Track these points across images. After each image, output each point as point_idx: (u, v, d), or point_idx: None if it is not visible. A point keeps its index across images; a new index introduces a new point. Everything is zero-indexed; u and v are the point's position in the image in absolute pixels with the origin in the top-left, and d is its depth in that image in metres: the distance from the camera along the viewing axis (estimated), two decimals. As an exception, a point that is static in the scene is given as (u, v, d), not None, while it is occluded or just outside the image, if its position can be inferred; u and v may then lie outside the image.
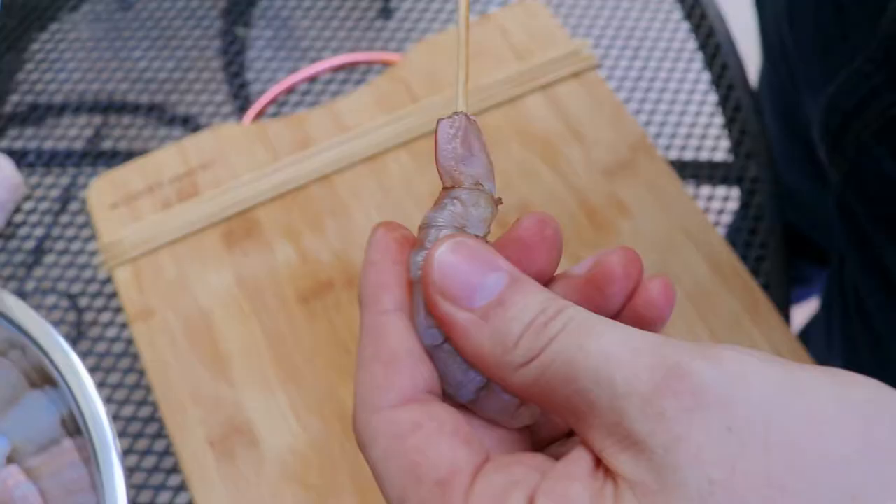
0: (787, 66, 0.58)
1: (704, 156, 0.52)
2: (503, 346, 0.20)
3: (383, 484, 0.20)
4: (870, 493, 0.17)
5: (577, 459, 0.19)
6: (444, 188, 0.23)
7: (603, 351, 0.19)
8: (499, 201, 0.23)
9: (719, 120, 0.53)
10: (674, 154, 0.52)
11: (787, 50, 0.57)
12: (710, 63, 0.55)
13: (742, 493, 0.17)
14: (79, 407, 0.40)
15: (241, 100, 0.54)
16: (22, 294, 0.48)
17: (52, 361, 0.41)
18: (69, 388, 0.41)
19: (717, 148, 0.52)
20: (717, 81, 0.55)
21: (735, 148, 0.52)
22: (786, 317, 0.47)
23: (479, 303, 0.20)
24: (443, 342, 0.21)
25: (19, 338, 0.42)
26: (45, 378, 0.43)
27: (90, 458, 0.41)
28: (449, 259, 0.21)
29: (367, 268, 0.22)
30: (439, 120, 0.23)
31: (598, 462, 0.19)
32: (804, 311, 0.78)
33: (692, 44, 0.56)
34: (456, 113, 0.23)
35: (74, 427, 0.42)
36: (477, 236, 0.22)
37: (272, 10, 0.57)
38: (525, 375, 0.20)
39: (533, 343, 0.20)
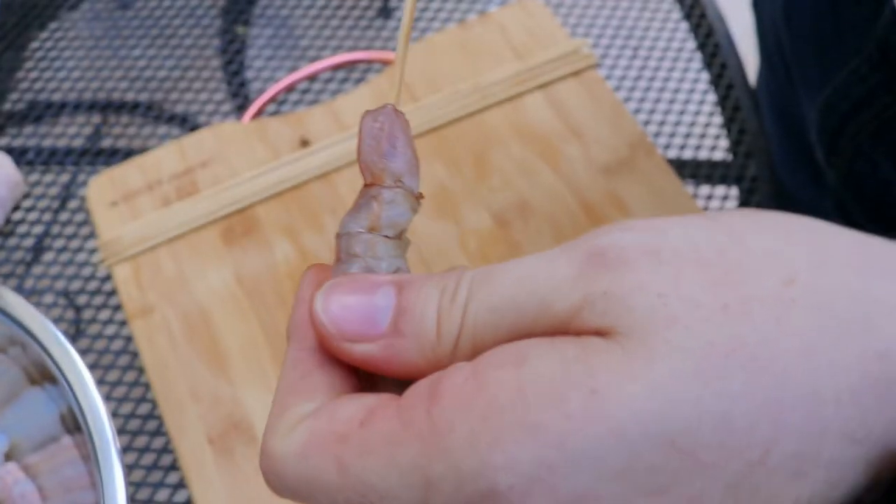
0: (785, 67, 0.58)
1: (703, 155, 0.52)
2: (430, 343, 0.19)
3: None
4: (803, 273, 0.18)
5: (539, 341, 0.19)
6: (365, 185, 0.22)
7: (513, 280, 0.19)
8: (419, 197, 0.22)
9: (718, 119, 0.53)
10: (673, 153, 0.52)
11: (784, 50, 0.58)
12: (709, 62, 0.55)
13: (693, 295, 0.18)
14: (78, 404, 0.40)
15: (240, 98, 0.54)
16: (21, 292, 0.48)
17: (51, 358, 0.41)
18: (69, 384, 0.40)
19: (717, 147, 0.52)
20: (716, 81, 0.55)
21: (734, 147, 0.52)
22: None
23: (384, 324, 0.19)
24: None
25: (19, 334, 0.42)
26: (44, 375, 0.43)
27: (89, 455, 0.41)
28: (333, 305, 0.20)
29: (297, 305, 0.22)
30: (365, 112, 0.22)
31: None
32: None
33: (691, 43, 0.56)
34: (384, 106, 0.22)
35: (74, 424, 0.42)
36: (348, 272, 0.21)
37: (272, 9, 0.57)
38: (462, 352, 0.19)
39: (451, 324, 0.19)
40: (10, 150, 0.52)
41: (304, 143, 0.50)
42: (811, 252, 0.18)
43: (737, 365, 0.17)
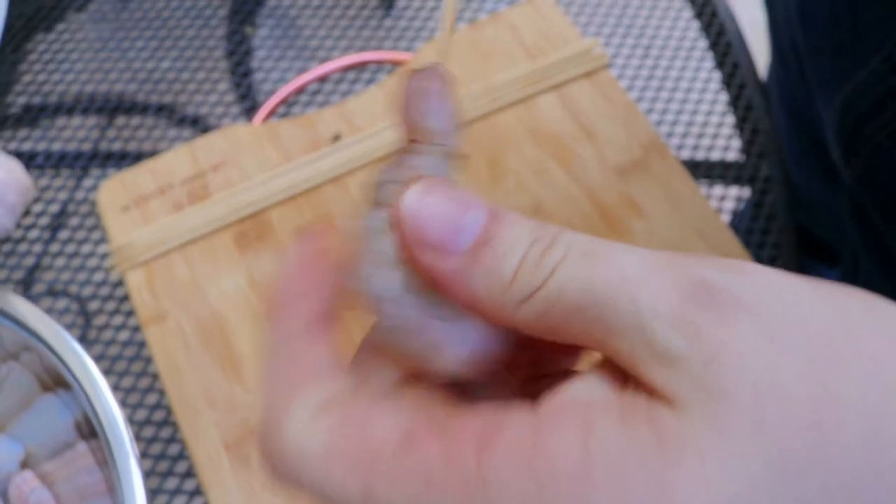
0: (798, 64, 0.58)
1: (716, 155, 0.52)
2: (500, 285, 0.18)
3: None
4: None
5: (593, 380, 0.18)
6: (408, 142, 0.21)
7: (618, 274, 0.17)
8: (461, 156, 0.21)
9: (731, 119, 0.53)
10: (685, 154, 0.52)
11: (797, 47, 0.57)
12: (721, 61, 0.55)
13: (789, 391, 0.16)
14: (93, 409, 0.40)
15: (249, 100, 0.54)
16: (32, 297, 0.48)
17: (64, 363, 0.41)
18: (83, 389, 0.40)
19: (729, 147, 0.52)
20: (728, 80, 0.54)
21: (747, 147, 0.52)
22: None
23: (464, 245, 0.18)
24: (402, 293, 0.19)
25: (31, 341, 0.42)
26: (57, 381, 0.43)
27: (105, 460, 0.41)
28: (422, 204, 0.18)
29: (287, 277, 0.20)
30: (414, 70, 0.21)
31: (623, 379, 0.18)
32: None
33: (703, 42, 0.56)
34: (432, 66, 0.21)
35: (89, 430, 0.42)
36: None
37: (280, 9, 0.57)
38: (528, 311, 0.18)
39: (532, 277, 0.18)
40: (19, 154, 0.52)
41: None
42: None
43: (816, 484, 0.16)
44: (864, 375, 0.17)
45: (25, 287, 0.48)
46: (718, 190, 0.51)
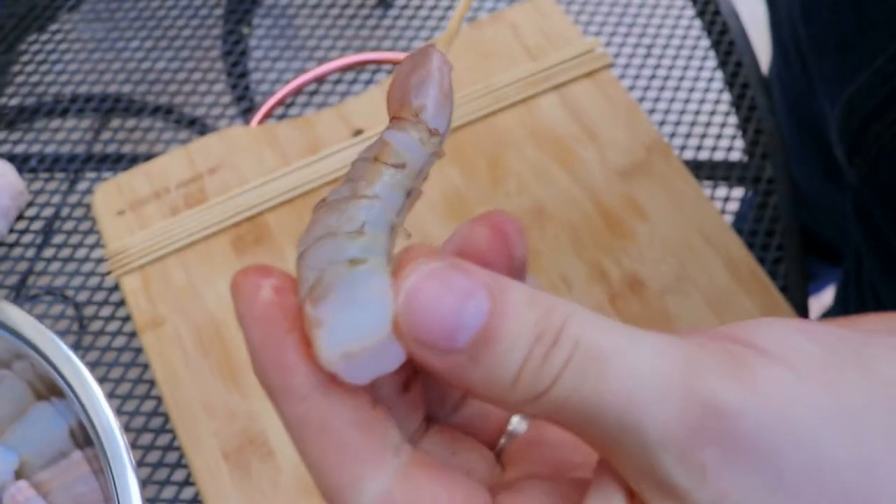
0: (801, 62, 0.57)
1: (719, 156, 0.51)
2: (500, 386, 0.17)
3: None
4: None
5: (609, 496, 0.18)
6: (390, 119, 0.20)
7: (625, 393, 0.16)
8: (436, 135, 0.20)
9: (734, 119, 0.52)
10: (689, 154, 0.51)
11: (800, 45, 0.57)
12: (723, 61, 0.54)
13: None
14: (88, 416, 0.39)
15: (246, 101, 0.53)
16: (25, 303, 0.47)
17: (58, 371, 0.40)
18: (77, 397, 0.40)
19: (733, 148, 0.52)
20: (731, 80, 0.54)
21: (750, 148, 0.51)
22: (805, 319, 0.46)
23: (462, 342, 0.17)
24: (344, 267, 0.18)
25: (23, 348, 0.41)
26: (51, 389, 0.42)
27: (102, 468, 0.40)
28: (419, 299, 0.17)
29: (257, 352, 0.18)
30: (416, 51, 0.20)
31: (631, 493, 0.18)
32: (812, 308, 0.78)
33: (705, 41, 0.55)
34: (429, 46, 0.20)
35: (84, 438, 0.41)
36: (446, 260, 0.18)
37: (277, 9, 0.56)
38: (531, 410, 0.17)
39: (535, 381, 0.17)
40: (12, 157, 0.51)
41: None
42: None
43: None
44: None
45: (19, 293, 0.47)
46: (722, 191, 0.50)
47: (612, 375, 0.16)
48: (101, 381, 0.45)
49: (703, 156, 0.51)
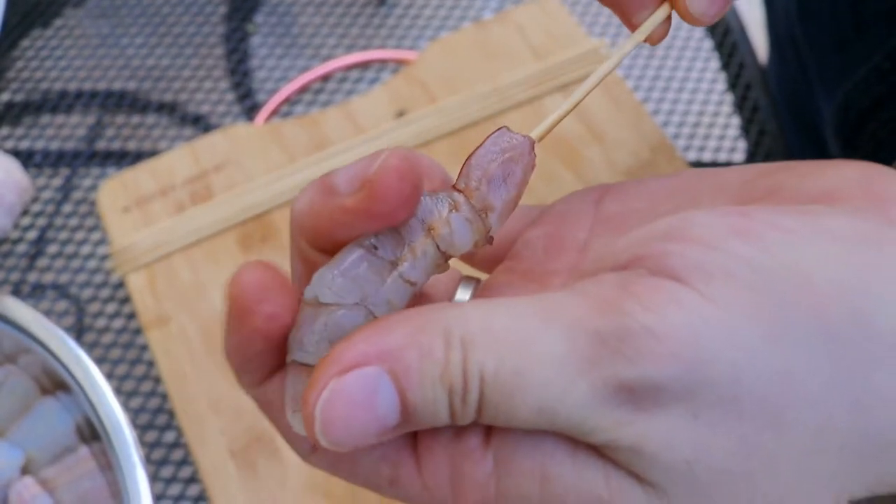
0: (798, 60, 0.58)
1: (723, 157, 0.52)
2: (443, 424, 0.19)
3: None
4: (839, 417, 0.18)
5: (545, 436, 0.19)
6: (453, 187, 0.20)
7: (535, 410, 0.18)
8: (489, 240, 0.20)
9: (737, 120, 0.53)
10: (692, 155, 0.52)
11: (797, 43, 0.57)
12: (726, 62, 0.55)
13: (721, 463, 0.18)
14: (95, 411, 0.39)
15: (250, 99, 0.53)
16: (29, 299, 0.47)
17: (64, 366, 0.40)
18: (84, 392, 0.40)
19: (735, 149, 0.52)
20: (734, 81, 0.54)
21: (753, 149, 0.52)
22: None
23: (392, 423, 0.18)
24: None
25: (29, 343, 0.41)
26: (56, 384, 0.42)
27: (108, 464, 0.40)
28: (335, 419, 0.18)
29: (233, 360, 0.21)
30: (503, 127, 0.21)
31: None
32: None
33: (708, 42, 0.56)
34: (525, 136, 0.21)
35: (90, 433, 0.41)
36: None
37: (282, 7, 0.56)
38: (483, 424, 0.19)
39: (466, 418, 0.18)
40: (16, 153, 0.51)
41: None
42: (853, 390, 0.18)
43: None
44: (799, 435, 0.18)
45: (23, 289, 0.47)
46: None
47: (523, 394, 0.18)
48: (107, 377, 0.45)
49: (707, 157, 0.52)
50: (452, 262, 0.21)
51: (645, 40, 0.24)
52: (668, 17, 0.24)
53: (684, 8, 0.22)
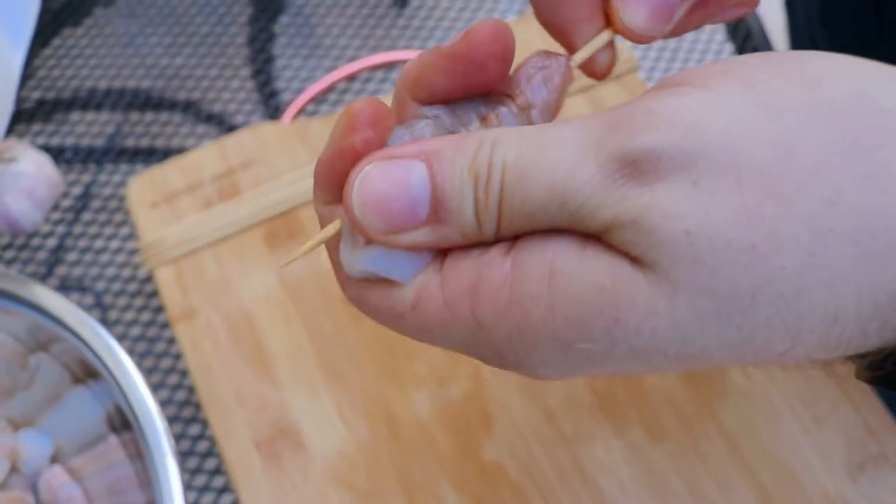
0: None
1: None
2: (472, 232, 0.20)
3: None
4: (847, 192, 0.17)
5: (557, 236, 0.20)
6: (500, 92, 0.23)
7: (546, 189, 0.19)
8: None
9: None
10: (713, 158, 0.52)
11: (819, 48, 0.57)
12: (748, 66, 0.55)
13: (722, 233, 0.17)
14: (126, 399, 0.40)
15: (276, 99, 0.54)
16: (58, 291, 0.48)
17: (95, 354, 0.41)
18: (115, 380, 0.40)
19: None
20: (755, 85, 0.54)
21: (774, 152, 0.52)
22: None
23: (422, 213, 0.20)
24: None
25: (61, 332, 0.42)
26: (88, 372, 0.43)
27: (137, 453, 0.41)
28: (368, 201, 0.20)
29: (328, 149, 0.22)
30: (541, 50, 0.24)
31: (584, 238, 0.20)
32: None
33: (730, 46, 0.56)
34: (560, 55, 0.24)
35: (121, 421, 0.42)
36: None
37: (308, 7, 0.57)
38: (505, 234, 0.20)
39: (490, 215, 0.20)
40: (48, 149, 0.52)
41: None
42: (861, 163, 0.18)
43: (762, 304, 0.18)
44: (800, 199, 0.17)
45: (51, 282, 0.48)
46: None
47: (536, 175, 0.19)
48: (134, 370, 0.46)
49: (728, 159, 0.52)
50: None
51: (590, 75, 0.26)
52: (611, 43, 0.25)
53: (621, 24, 0.24)
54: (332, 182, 0.22)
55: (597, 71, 0.25)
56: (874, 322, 0.18)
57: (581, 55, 0.25)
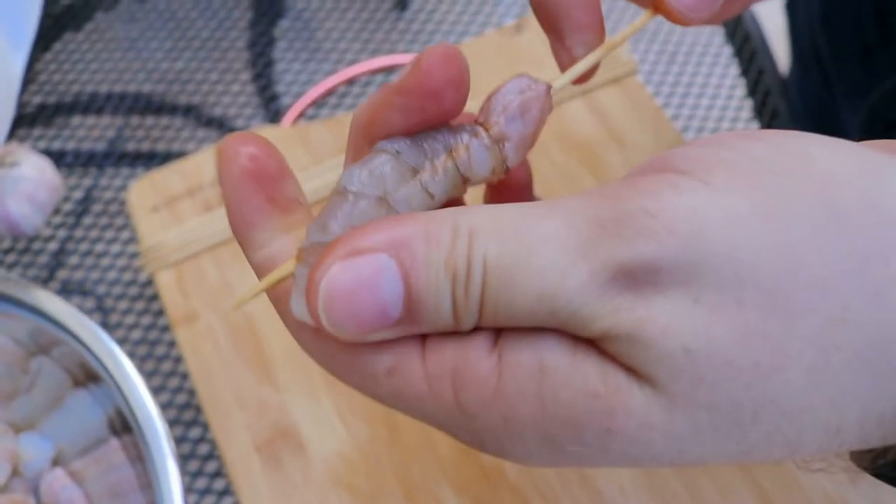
0: (821, 71, 0.58)
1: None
2: (446, 327, 0.19)
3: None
4: (856, 309, 0.17)
5: (547, 336, 0.19)
6: (475, 121, 0.22)
7: (535, 296, 0.17)
8: (506, 170, 0.22)
9: (756, 126, 0.53)
10: (712, 160, 0.52)
11: (820, 55, 0.57)
12: (746, 69, 0.55)
13: (722, 352, 0.17)
14: (126, 402, 0.40)
15: (276, 103, 0.54)
16: (59, 295, 0.48)
17: (96, 357, 0.41)
18: (115, 383, 0.40)
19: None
20: (753, 87, 0.55)
21: (773, 155, 0.52)
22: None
23: (394, 315, 0.18)
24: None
25: (62, 335, 0.42)
26: (89, 375, 0.43)
27: (138, 456, 0.41)
28: (335, 306, 0.18)
29: (229, 209, 0.21)
30: (521, 73, 0.22)
31: (574, 340, 0.19)
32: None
33: (728, 49, 0.56)
34: (539, 81, 0.22)
35: (121, 425, 0.42)
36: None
37: (308, 12, 0.57)
38: (486, 326, 0.19)
39: (469, 314, 0.18)
40: (49, 153, 0.52)
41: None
42: (871, 278, 0.17)
43: (763, 421, 0.17)
44: (804, 318, 0.17)
45: (52, 286, 0.48)
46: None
47: (523, 281, 0.18)
48: (135, 373, 0.46)
49: (726, 162, 0.52)
50: None
51: (575, 82, 0.25)
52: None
53: (667, 3, 0.22)
54: (252, 216, 0.21)
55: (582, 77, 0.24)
56: (877, 433, 0.18)
57: (578, 68, 0.24)
